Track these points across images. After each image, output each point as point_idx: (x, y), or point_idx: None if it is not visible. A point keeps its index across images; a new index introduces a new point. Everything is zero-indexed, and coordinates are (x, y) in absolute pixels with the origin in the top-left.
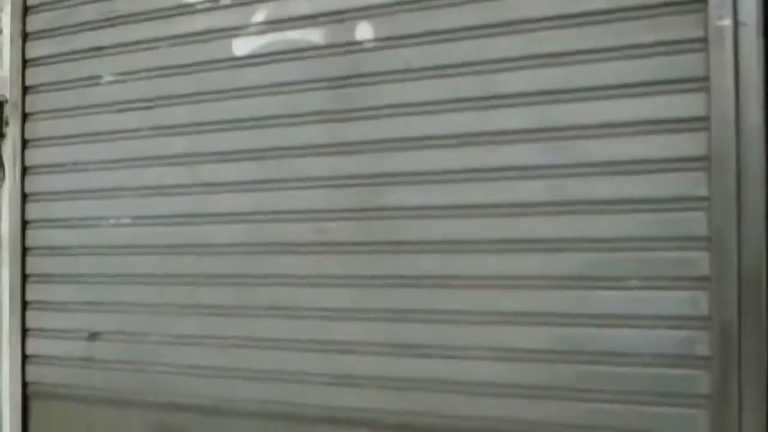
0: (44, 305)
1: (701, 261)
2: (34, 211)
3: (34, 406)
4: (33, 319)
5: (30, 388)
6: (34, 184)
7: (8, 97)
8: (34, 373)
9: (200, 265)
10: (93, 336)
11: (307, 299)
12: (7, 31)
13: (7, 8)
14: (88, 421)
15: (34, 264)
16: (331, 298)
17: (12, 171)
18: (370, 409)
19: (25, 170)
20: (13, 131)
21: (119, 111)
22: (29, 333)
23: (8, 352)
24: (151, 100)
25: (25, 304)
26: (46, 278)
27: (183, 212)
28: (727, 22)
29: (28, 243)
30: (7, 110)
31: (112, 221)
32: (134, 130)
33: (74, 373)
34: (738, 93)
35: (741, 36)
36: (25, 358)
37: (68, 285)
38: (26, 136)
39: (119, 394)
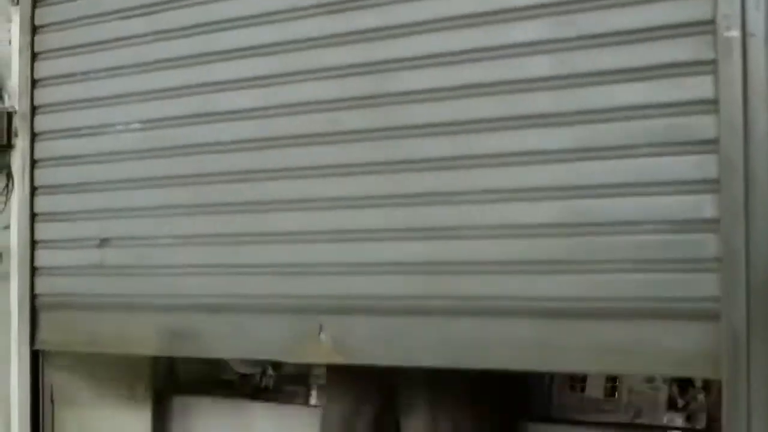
0: (53, 216)
1: (707, 124)
2: (42, 123)
3: (43, 317)
4: (42, 231)
5: (38, 300)
6: (42, 96)
7: (17, 108)
8: (42, 284)
9: (210, 164)
10: (103, 243)
11: (317, 190)
12: (15, 43)
13: (16, 18)
14: (96, 329)
15: (42, 176)
16: (342, 187)
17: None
18: (383, 296)
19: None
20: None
21: (124, 18)
22: (38, 245)
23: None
24: (156, 4)
25: (33, 216)
26: (54, 189)
27: (192, 112)
28: (736, 33)
29: (36, 155)
30: (16, 121)
31: (119, 127)
32: (141, 35)
33: (83, 282)
34: (746, 103)
35: (749, 47)
36: (33, 270)
37: (77, 194)
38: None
39: (127, 299)
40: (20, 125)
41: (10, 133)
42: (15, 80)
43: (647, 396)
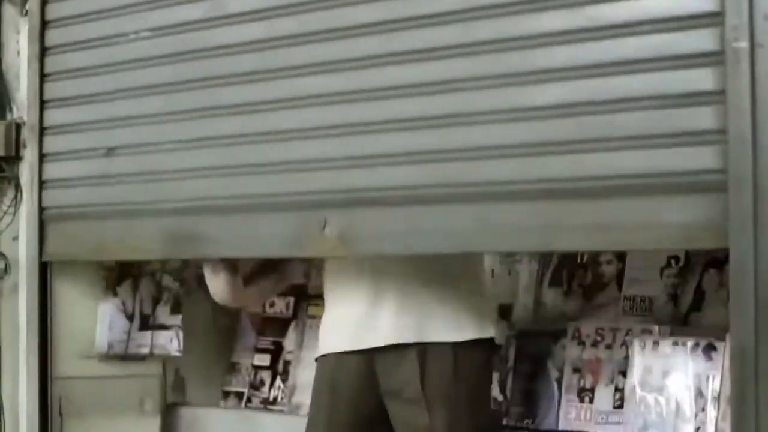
0: (61, 129)
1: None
2: (53, 37)
3: (50, 229)
4: (50, 144)
5: (46, 213)
6: (53, 11)
7: (26, 119)
8: (50, 197)
9: (214, 67)
10: (109, 152)
11: (317, 86)
12: (24, 53)
13: (24, 29)
14: (101, 238)
15: (51, 89)
16: (341, 82)
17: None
18: (386, 188)
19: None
20: None
21: None
22: (46, 158)
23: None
24: None
25: (42, 130)
26: (63, 102)
27: (200, 17)
28: (744, 44)
29: (47, 70)
30: (24, 132)
31: (132, 36)
32: None
33: (89, 192)
34: (755, 115)
35: (758, 57)
36: (42, 183)
37: (85, 106)
38: None
39: (131, 206)
40: (28, 137)
41: (18, 144)
42: (24, 93)
43: None
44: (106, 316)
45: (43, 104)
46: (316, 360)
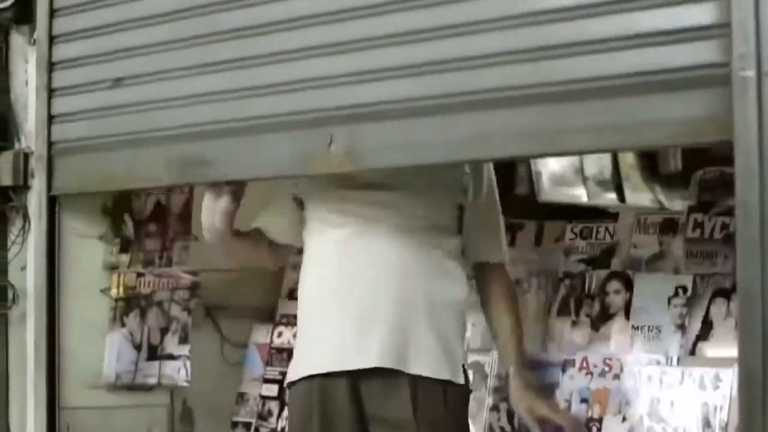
0: (70, 63)
1: None
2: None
3: (58, 164)
4: (59, 78)
5: (54, 148)
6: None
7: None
8: (58, 132)
9: None
10: (115, 83)
11: (319, 5)
12: (33, 81)
13: (32, 60)
14: (108, 169)
15: (59, 25)
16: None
17: None
18: (390, 101)
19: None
20: None
21: None
22: (54, 93)
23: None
24: None
25: (51, 66)
26: (71, 36)
27: None
28: (751, 73)
29: (55, 5)
30: (32, 162)
31: None
32: None
33: (95, 125)
34: (762, 145)
35: (765, 87)
36: (51, 118)
37: (93, 39)
38: None
39: (137, 135)
40: (36, 167)
41: (26, 174)
42: (32, 122)
43: None
44: (113, 346)
45: (51, 40)
46: (291, 384)
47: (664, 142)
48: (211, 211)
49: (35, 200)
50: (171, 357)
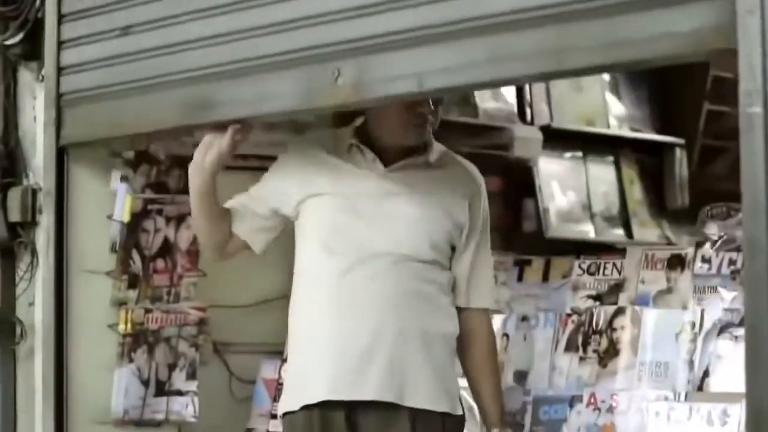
0: (79, 14)
1: None
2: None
3: (67, 114)
4: (67, 30)
5: (63, 99)
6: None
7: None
8: (67, 82)
9: None
10: (124, 30)
11: None
12: (41, 116)
13: (41, 96)
14: (117, 117)
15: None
16: None
17: None
18: (395, 32)
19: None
20: None
21: None
22: (63, 45)
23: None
24: None
25: (60, 18)
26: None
27: None
28: (758, 110)
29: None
30: (40, 198)
31: None
32: None
33: (104, 74)
34: None
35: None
36: (60, 69)
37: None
38: None
39: (145, 81)
40: (45, 202)
41: (34, 210)
42: (40, 158)
43: None
44: (121, 382)
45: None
46: (286, 414)
47: (671, 54)
48: (206, 148)
49: (43, 236)
50: (179, 393)
